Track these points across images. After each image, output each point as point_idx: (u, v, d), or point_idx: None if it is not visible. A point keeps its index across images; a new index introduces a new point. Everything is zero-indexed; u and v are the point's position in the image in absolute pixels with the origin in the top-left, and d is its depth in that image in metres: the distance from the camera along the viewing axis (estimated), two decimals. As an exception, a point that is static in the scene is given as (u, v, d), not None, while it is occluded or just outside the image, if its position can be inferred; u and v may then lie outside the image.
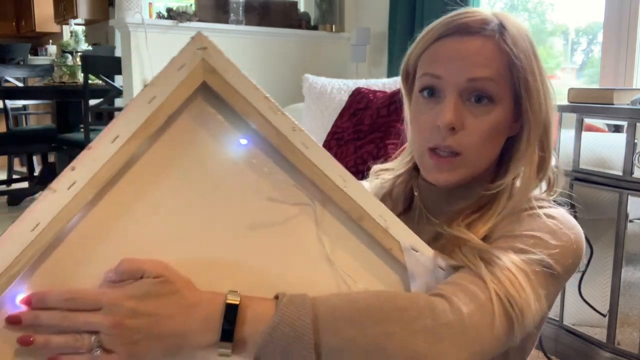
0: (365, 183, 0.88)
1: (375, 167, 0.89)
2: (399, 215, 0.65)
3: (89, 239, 0.56)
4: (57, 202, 0.52)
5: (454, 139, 0.71)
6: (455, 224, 0.71)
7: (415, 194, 0.81)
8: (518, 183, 0.74)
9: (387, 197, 0.83)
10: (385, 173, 0.87)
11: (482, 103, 0.71)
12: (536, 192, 0.76)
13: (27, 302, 0.54)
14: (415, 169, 0.82)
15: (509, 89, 0.71)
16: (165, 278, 0.55)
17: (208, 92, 0.59)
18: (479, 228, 0.70)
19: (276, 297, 0.58)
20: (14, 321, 0.53)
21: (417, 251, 0.64)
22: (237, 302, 0.55)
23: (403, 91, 0.83)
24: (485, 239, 0.69)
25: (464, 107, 0.71)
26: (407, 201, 0.82)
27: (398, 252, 0.64)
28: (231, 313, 0.55)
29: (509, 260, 0.63)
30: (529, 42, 0.72)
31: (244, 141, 0.60)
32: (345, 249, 0.64)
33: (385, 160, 0.90)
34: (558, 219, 0.70)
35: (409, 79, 0.80)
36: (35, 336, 0.53)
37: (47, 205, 0.52)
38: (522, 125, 0.73)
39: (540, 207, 0.71)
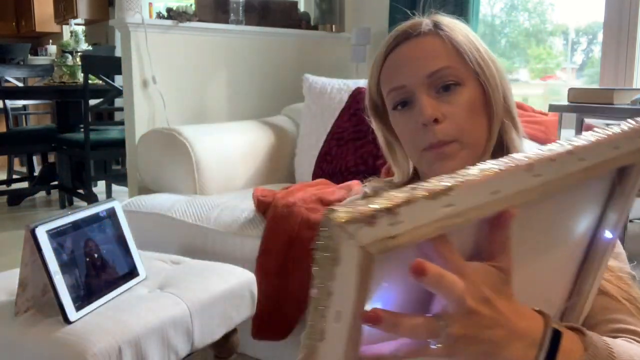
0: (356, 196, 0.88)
1: (375, 187, 0.88)
2: None
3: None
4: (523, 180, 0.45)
5: (441, 131, 0.74)
6: None
7: None
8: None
9: None
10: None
11: (450, 90, 0.75)
12: None
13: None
14: (414, 178, 0.85)
15: (467, 69, 0.76)
16: (509, 277, 0.48)
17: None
18: None
19: (574, 329, 0.53)
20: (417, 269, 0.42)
21: None
22: (562, 331, 0.51)
23: (375, 123, 0.86)
24: None
25: (437, 99, 0.75)
26: None
27: None
28: (556, 339, 0.49)
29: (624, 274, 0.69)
30: (464, 27, 0.79)
31: (609, 234, 0.57)
32: None
33: (382, 165, 0.90)
34: None
35: (378, 109, 0.84)
36: (383, 313, 0.42)
37: (511, 177, 0.44)
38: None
39: None
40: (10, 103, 4.28)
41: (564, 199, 0.51)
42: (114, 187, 4.13)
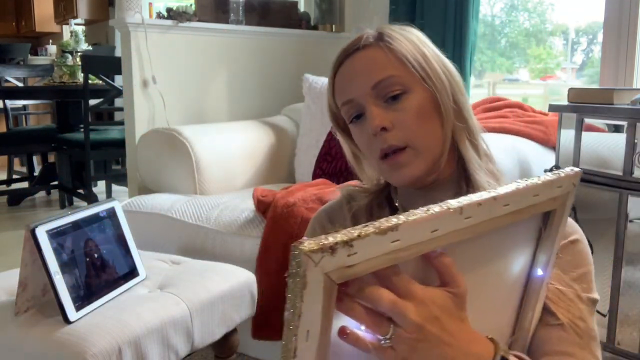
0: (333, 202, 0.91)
1: (349, 191, 0.90)
2: None
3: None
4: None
5: (392, 136, 0.75)
6: None
7: (396, 204, 0.84)
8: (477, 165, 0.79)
9: (362, 216, 0.85)
10: (358, 195, 0.88)
11: (397, 98, 0.76)
12: None
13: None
14: (387, 186, 0.86)
15: (413, 76, 0.76)
16: (463, 302, 0.53)
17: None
18: None
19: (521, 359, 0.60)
20: None
21: None
22: (508, 358, 0.55)
23: (340, 136, 0.87)
24: None
25: (385, 109, 0.76)
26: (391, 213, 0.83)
27: None
28: None
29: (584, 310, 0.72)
30: (412, 34, 0.79)
31: (540, 272, 0.64)
32: None
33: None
34: (578, 227, 0.81)
35: (340, 123, 0.85)
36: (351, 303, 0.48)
37: (447, 218, 0.50)
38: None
39: None
40: (10, 103, 4.28)
41: (497, 239, 0.58)
42: (114, 187, 4.13)
